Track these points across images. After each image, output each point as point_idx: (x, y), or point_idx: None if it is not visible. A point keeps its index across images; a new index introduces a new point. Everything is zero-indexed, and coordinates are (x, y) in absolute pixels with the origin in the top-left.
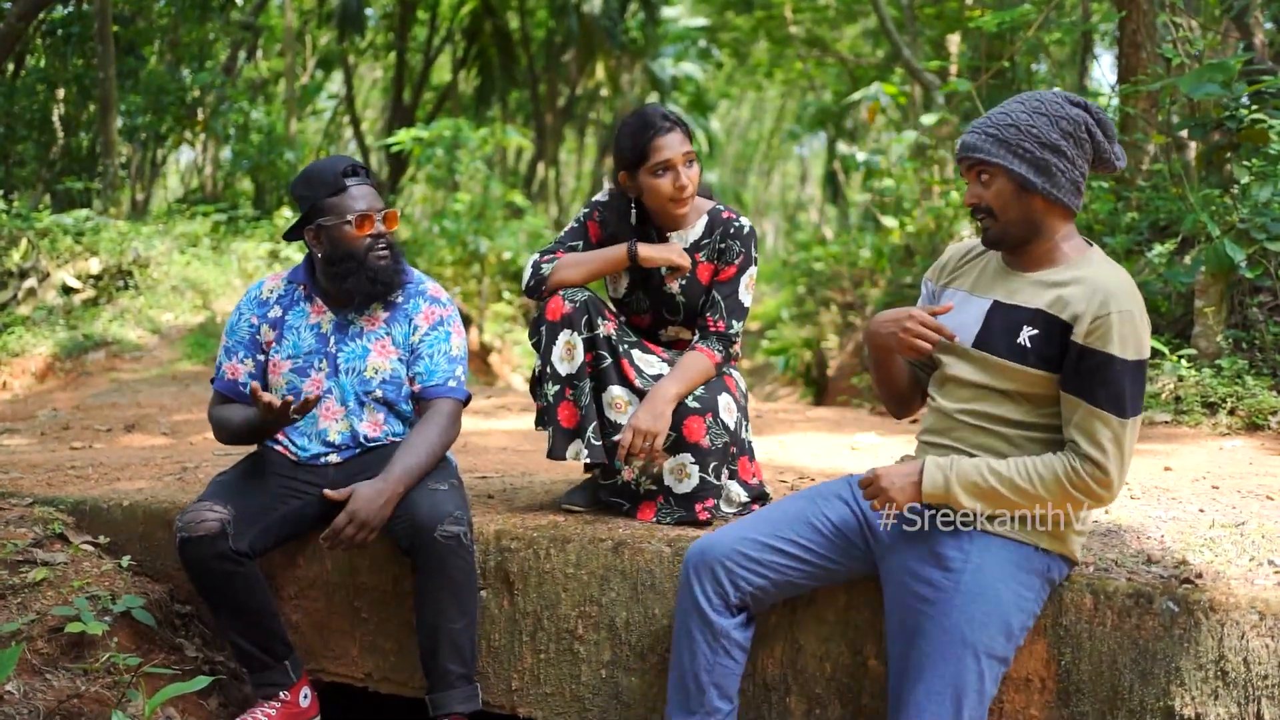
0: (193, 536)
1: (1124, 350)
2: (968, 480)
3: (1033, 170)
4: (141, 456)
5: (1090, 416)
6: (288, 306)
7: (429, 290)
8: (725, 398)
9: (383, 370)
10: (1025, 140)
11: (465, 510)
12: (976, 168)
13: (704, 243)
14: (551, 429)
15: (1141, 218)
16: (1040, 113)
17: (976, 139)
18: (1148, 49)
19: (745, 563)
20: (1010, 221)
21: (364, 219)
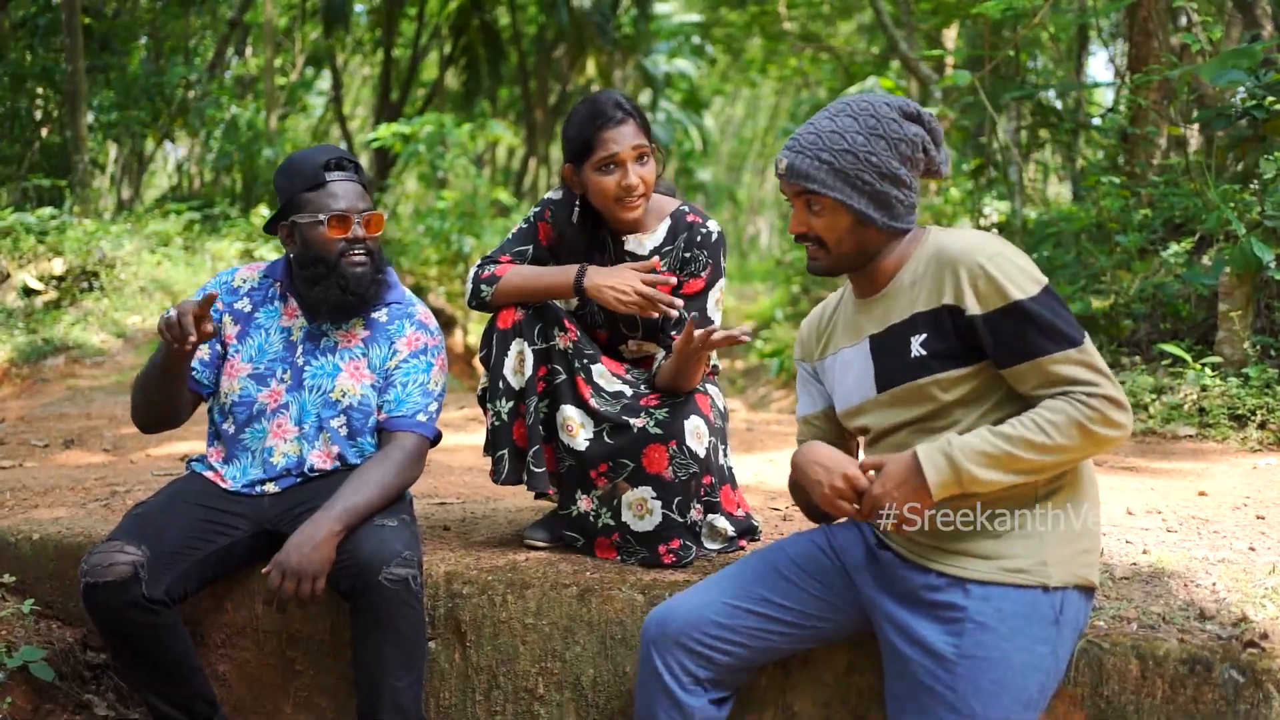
0: (99, 583)
1: (1023, 288)
2: (976, 452)
3: (872, 205)
4: (72, 478)
5: (1051, 366)
6: (259, 302)
7: (418, 314)
8: (694, 421)
9: (351, 394)
10: (864, 171)
11: (416, 550)
12: (805, 195)
13: (666, 249)
14: (505, 451)
15: (1155, 215)
16: (878, 134)
17: (808, 164)
18: (1159, 37)
19: (716, 631)
20: (844, 254)
21: (341, 220)
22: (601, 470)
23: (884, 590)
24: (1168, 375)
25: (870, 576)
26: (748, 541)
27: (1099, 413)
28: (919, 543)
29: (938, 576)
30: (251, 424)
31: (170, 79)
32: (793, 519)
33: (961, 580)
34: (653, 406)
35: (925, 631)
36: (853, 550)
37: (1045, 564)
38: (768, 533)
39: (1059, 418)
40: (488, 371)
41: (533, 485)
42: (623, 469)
